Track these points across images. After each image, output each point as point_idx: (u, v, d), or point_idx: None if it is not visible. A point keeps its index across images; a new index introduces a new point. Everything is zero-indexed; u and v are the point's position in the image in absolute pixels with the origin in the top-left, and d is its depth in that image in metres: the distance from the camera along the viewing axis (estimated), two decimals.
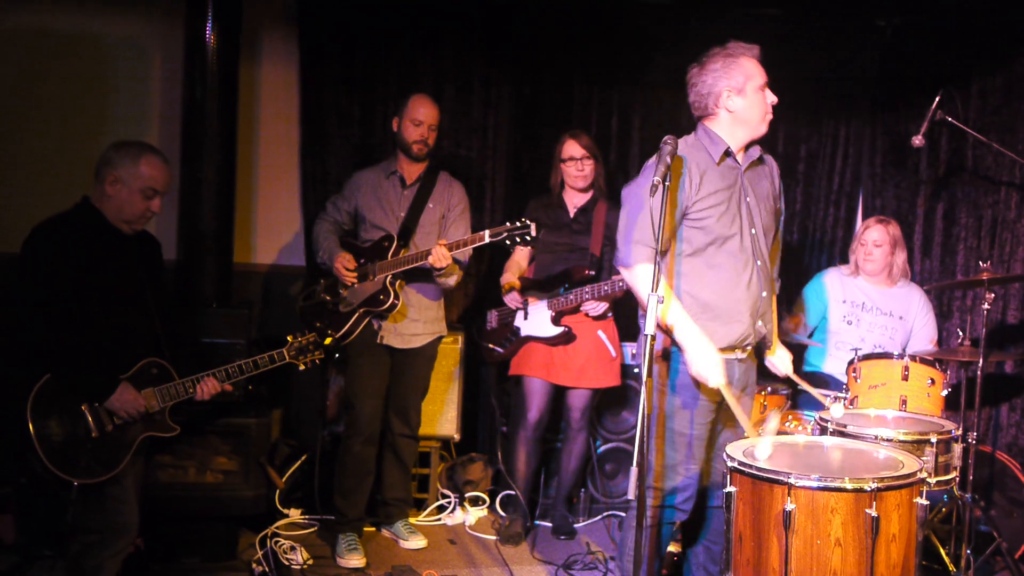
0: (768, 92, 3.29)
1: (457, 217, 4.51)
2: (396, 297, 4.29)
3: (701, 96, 3.29)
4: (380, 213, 4.43)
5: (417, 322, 4.44)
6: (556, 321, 4.56)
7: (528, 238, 4.01)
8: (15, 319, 3.17)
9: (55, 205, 3.40)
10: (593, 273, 4.53)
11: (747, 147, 3.35)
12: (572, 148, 4.59)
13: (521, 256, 4.76)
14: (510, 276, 4.70)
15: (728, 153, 3.29)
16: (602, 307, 4.49)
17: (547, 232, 4.65)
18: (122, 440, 3.26)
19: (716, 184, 3.24)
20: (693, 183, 3.20)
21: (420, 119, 4.36)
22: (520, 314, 4.67)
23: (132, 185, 3.26)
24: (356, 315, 4.31)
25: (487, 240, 4.08)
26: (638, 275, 3.17)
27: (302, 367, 3.65)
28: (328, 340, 3.75)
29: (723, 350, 3.24)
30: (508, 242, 4.05)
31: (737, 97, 3.25)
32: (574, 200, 4.68)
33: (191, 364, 3.45)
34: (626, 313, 4.62)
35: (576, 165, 4.58)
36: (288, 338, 3.64)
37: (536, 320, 4.62)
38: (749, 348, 3.37)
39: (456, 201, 4.52)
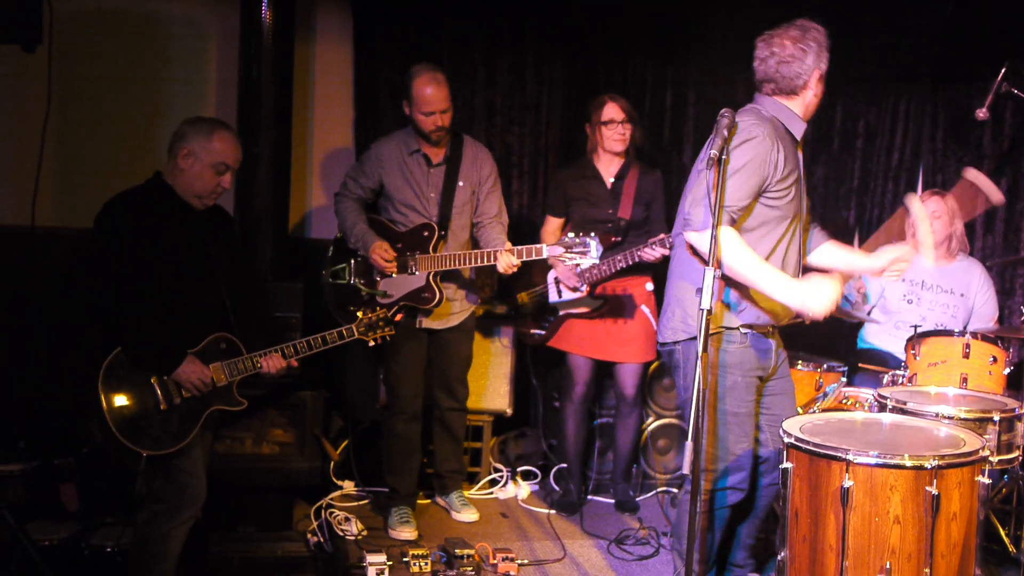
0: None
1: (489, 191, 4.42)
2: (441, 294, 4.24)
3: (796, 74, 3.18)
4: (409, 193, 4.33)
5: (454, 302, 4.42)
6: (590, 293, 4.54)
7: (589, 256, 3.92)
8: (86, 292, 3.22)
9: (113, 181, 3.45)
10: (620, 239, 4.49)
11: None
12: (612, 111, 4.53)
13: (554, 227, 4.73)
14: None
15: (805, 134, 3.28)
16: (659, 253, 4.26)
17: (587, 206, 4.61)
18: (190, 413, 3.31)
19: (792, 164, 3.20)
20: (779, 160, 3.12)
21: (430, 109, 4.16)
22: (552, 292, 4.65)
23: (204, 160, 3.28)
24: (396, 307, 4.19)
25: (544, 255, 4.05)
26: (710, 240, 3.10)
27: (372, 343, 3.67)
28: (399, 317, 3.75)
29: (765, 327, 3.24)
30: (566, 258, 3.98)
31: (819, 82, 3.23)
32: (609, 168, 4.63)
33: (261, 339, 3.48)
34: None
35: (617, 128, 4.52)
36: (358, 314, 3.65)
37: (571, 296, 4.60)
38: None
39: (486, 174, 4.41)
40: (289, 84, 4.72)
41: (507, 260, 4.06)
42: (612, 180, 4.63)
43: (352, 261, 4.36)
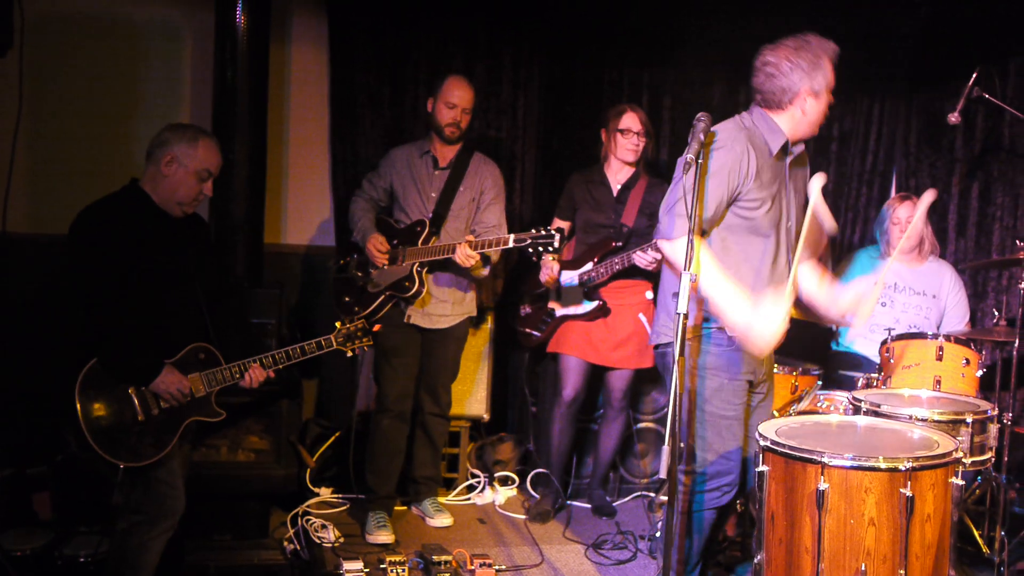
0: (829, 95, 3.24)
1: (489, 203, 4.50)
2: (421, 284, 4.30)
3: (780, 89, 3.18)
4: (413, 192, 4.45)
5: (445, 303, 4.45)
6: (589, 296, 4.55)
7: (551, 248, 3.99)
8: (62, 302, 3.17)
9: (87, 187, 3.42)
10: (620, 244, 4.51)
11: (795, 143, 3.31)
12: (631, 121, 4.53)
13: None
14: (546, 259, 4.68)
15: (785, 147, 3.25)
16: (652, 255, 4.28)
17: (590, 210, 4.63)
18: (169, 424, 3.28)
19: (768, 175, 3.19)
20: (750, 169, 3.13)
21: (454, 102, 4.37)
22: (552, 295, 4.67)
23: (189, 166, 3.27)
24: (382, 297, 4.35)
25: (511, 245, 4.08)
26: (679, 248, 3.07)
27: (350, 353, 3.65)
28: (377, 327, 3.77)
29: None
30: (531, 250, 4.03)
31: (812, 99, 3.18)
32: (617, 176, 4.64)
33: (239, 348, 3.46)
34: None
35: (632, 139, 4.53)
36: (336, 324, 3.64)
37: (569, 298, 4.62)
38: None
39: (488, 186, 4.50)
40: (264, 87, 4.69)
41: (463, 251, 4.12)
42: (619, 188, 4.64)
43: (355, 256, 4.52)
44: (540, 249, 4.01)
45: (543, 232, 4.01)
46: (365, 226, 4.43)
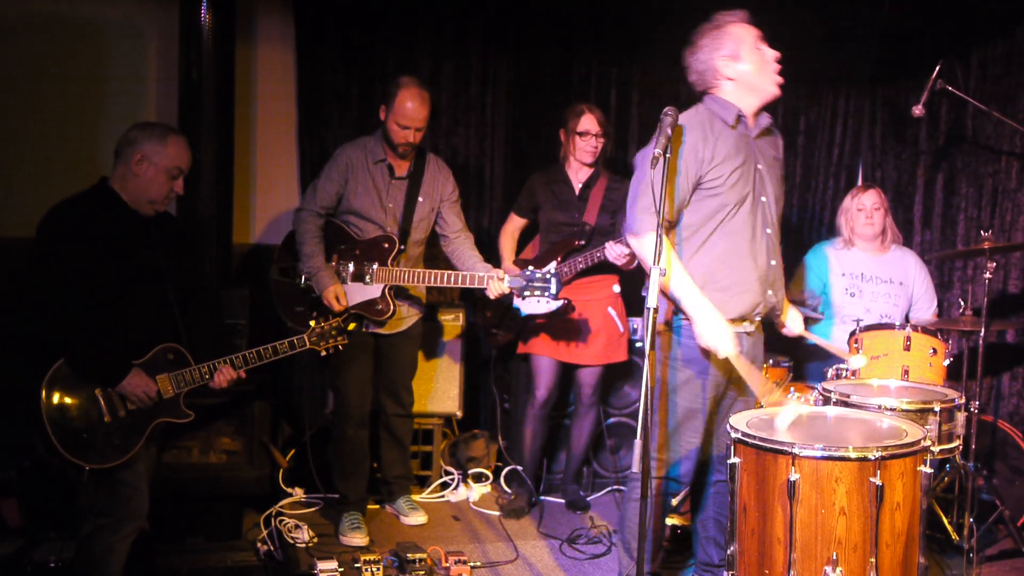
0: (765, 47, 3.30)
1: (451, 206, 4.45)
2: (394, 306, 4.24)
3: (699, 73, 3.33)
4: (368, 202, 4.28)
5: (400, 308, 4.40)
6: (554, 296, 4.55)
7: (548, 294, 3.93)
8: (29, 302, 3.13)
9: (53, 188, 3.37)
10: (584, 243, 4.53)
11: (757, 115, 3.36)
12: (589, 123, 4.54)
13: (515, 225, 4.77)
14: (507, 264, 4.72)
15: (740, 117, 3.30)
16: (620, 249, 4.30)
17: (553, 210, 4.63)
18: (136, 426, 3.24)
19: (729, 150, 3.24)
20: (708, 149, 3.21)
21: (405, 123, 4.16)
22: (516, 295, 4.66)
23: (159, 164, 3.24)
24: (346, 315, 4.11)
25: (505, 287, 4.04)
26: (646, 244, 3.14)
27: (324, 353, 3.63)
28: (352, 326, 3.72)
29: (733, 321, 3.24)
30: (526, 293, 3.97)
31: (734, 63, 3.27)
32: (579, 175, 4.65)
33: (209, 347, 3.43)
34: (637, 288, 4.63)
35: (591, 141, 4.54)
36: (310, 323, 3.62)
37: (534, 298, 4.60)
38: (758, 320, 3.38)
39: (447, 194, 4.43)
40: (231, 87, 4.66)
41: (497, 288, 4.05)
42: (580, 187, 4.64)
43: (299, 263, 4.32)
44: (536, 293, 3.94)
45: (537, 275, 3.93)
46: (318, 266, 4.18)
